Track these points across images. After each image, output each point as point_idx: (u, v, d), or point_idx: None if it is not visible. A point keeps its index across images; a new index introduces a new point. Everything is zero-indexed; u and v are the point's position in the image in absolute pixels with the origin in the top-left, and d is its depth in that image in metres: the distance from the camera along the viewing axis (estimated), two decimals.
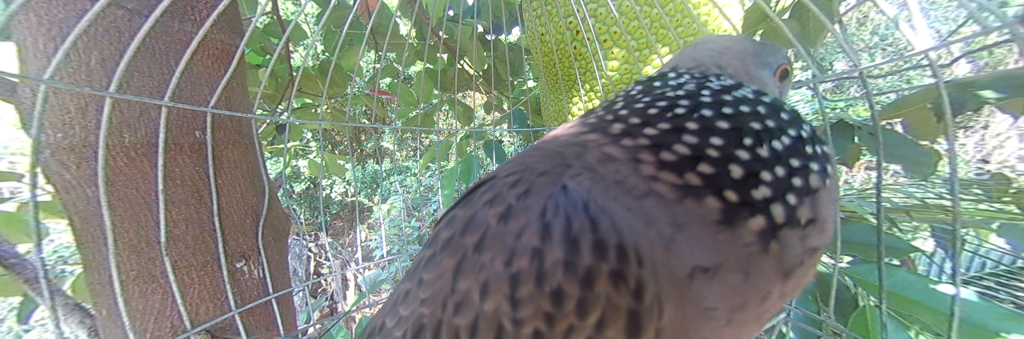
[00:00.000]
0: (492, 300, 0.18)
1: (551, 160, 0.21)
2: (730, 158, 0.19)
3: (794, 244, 0.19)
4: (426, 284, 0.20)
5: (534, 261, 0.18)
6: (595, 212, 0.18)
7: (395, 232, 3.12)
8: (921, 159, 0.57)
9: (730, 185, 0.18)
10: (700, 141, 0.19)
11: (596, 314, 0.17)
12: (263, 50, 1.02)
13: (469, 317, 0.18)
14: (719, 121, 0.20)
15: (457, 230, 0.20)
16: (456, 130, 1.05)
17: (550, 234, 0.18)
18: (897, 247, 0.51)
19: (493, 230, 0.19)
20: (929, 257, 1.29)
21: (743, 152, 0.19)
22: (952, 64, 0.63)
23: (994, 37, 0.41)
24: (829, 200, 0.20)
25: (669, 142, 0.20)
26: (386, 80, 1.30)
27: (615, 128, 0.22)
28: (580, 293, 0.17)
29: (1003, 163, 3.38)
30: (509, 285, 0.18)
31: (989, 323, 0.39)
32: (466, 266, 0.19)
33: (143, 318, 0.42)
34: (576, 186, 0.19)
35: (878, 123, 0.37)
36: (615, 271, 0.17)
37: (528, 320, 0.17)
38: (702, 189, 0.18)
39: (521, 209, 0.19)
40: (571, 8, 0.67)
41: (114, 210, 0.40)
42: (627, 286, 0.17)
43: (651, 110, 0.21)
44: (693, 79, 0.24)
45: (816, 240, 0.19)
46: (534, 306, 0.17)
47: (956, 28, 0.66)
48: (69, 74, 0.38)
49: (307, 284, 0.68)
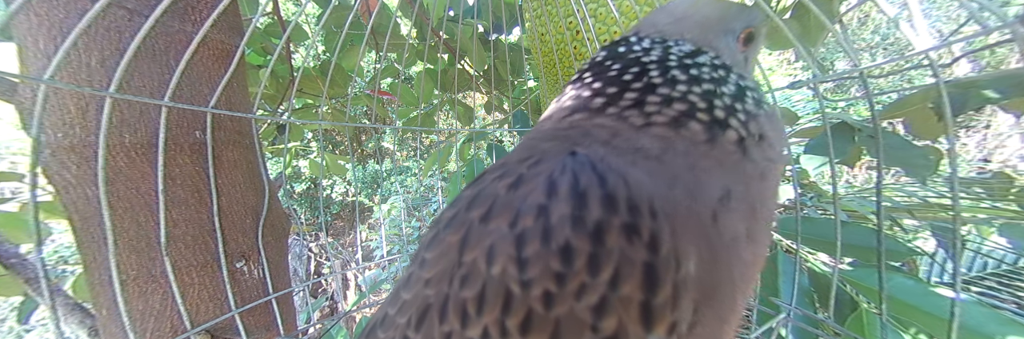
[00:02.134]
0: (498, 264, 0.17)
1: (560, 142, 0.22)
2: (693, 94, 0.22)
3: (757, 149, 0.23)
4: (429, 263, 0.19)
5: (540, 219, 0.17)
6: (603, 169, 0.18)
7: (395, 232, 3.12)
8: (920, 161, 0.57)
9: (700, 110, 0.22)
10: (669, 90, 0.22)
11: (609, 270, 0.16)
12: (264, 50, 1.02)
13: (476, 287, 0.17)
14: (681, 75, 0.23)
15: (461, 207, 0.20)
16: (457, 130, 1.05)
17: (556, 191, 0.17)
18: (897, 250, 0.51)
19: (502, 199, 0.18)
20: (930, 257, 1.29)
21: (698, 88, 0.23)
22: (953, 64, 0.63)
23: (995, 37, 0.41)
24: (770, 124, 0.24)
25: (646, 96, 0.22)
26: (387, 80, 1.30)
27: (596, 102, 0.23)
28: (591, 248, 0.16)
29: (1005, 162, 3.37)
30: (514, 246, 0.17)
31: (988, 328, 0.39)
32: (472, 237, 0.18)
33: (143, 318, 0.42)
34: (585, 151, 0.20)
35: (878, 123, 0.37)
36: (627, 224, 0.16)
37: (536, 281, 0.16)
38: (683, 117, 0.22)
39: (531, 176, 0.19)
40: (571, 8, 0.67)
41: (114, 210, 0.40)
42: (641, 239, 0.16)
43: (625, 76, 0.24)
44: (655, 44, 0.25)
45: (769, 152, 0.23)
46: (542, 265, 0.16)
47: (957, 28, 0.66)
48: (69, 74, 0.38)
49: (307, 284, 0.68)
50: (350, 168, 1.60)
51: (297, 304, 1.06)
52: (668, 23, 0.27)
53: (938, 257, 1.29)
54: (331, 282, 3.30)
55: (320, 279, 1.64)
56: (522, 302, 0.16)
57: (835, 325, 0.45)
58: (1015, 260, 1.28)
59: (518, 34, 1.22)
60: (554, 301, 0.16)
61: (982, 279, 1.30)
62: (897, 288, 0.44)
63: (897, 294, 0.44)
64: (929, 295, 0.43)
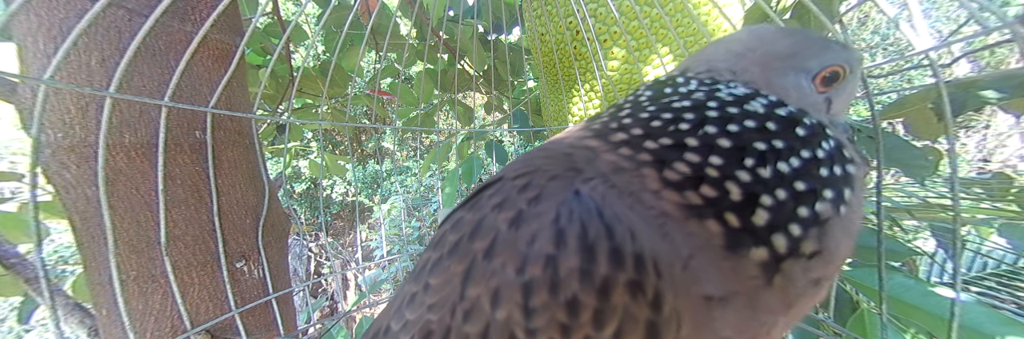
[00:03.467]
0: (504, 308, 0.17)
1: (561, 163, 0.21)
2: (729, 178, 0.18)
3: (797, 277, 0.18)
4: (433, 289, 0.20)
5: (548, 269, 0.17)
6: (611, 219, 0.17)
7: (395, 232, 3.12)
8: (919, 162, 0.57)
9: (730, 208, 0.18)
10: (701, 160, 0.18)
11: (613, 325, 0.16)
12: (263, 50, 1.02)
13: (480, 325, 0.18)
14: (721, 139, 0.19)
15: (465, 234, 0.20)
16: (457, 130, 1.05)
17: (565, 241, 0.17)
18: (896, 250, 0.51)
19: (503, 236, 0.18)
20: (930, 257, 1.29)
21: (743, 173, 0.18)
22: (953, 64, 0.63)
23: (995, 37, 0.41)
24: (842, 230, 0.18)
25: (670, 159, 0.19)
26: (386, 80, 1.30)
27: (617, 137, 0.21)
28: (597, 303, 0.16)
29: (1005, 162, 3.38)
30: (522, 294, 0.17)
31: (988, 328, 0.39)
32: (476, 273, 0.18)
33: (143, 318, 0.42)
34: (589, 191, 0.19)
35: (878, 123, 0.37)
36: (633, 281, 0.16)
37: (542, 330, 0.17)
38: (704, 210, 0.18)
39: (533, 215, 0.18)
40: (571, 8, 0.67)
41: (114, 210, 0.40)
42: (645, 297, 0.16)
43: (654, 122, 0.20)
44: (702, 86, 0.22)
45: (820, 271, 0.18)
46: (548, 316, 0.17)
47: (957, 28, 0.66)
48: (69, 74, 0.38)
49: (307, 284, 0.68)
50: (350, 168, 1.60)
51: (297, 304, 1.06)
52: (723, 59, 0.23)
53: (938, 257, 1.29)
54: (331, 282, 3.30)
55: (320, 279, 1.64)
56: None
57: (835, 325, 0.45)
58: (1015, 260, 1.28)
59: (518, 34, 1.22)
60: None
61: (982, 279, 1.30)
62: (897, 288, 0.44)
63: (897, 294, 0.44)
64: (929, 295, 0.43)
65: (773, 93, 0.21)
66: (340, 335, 1.14)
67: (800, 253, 0.18)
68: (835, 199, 0.18)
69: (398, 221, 3.01)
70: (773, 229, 0.17)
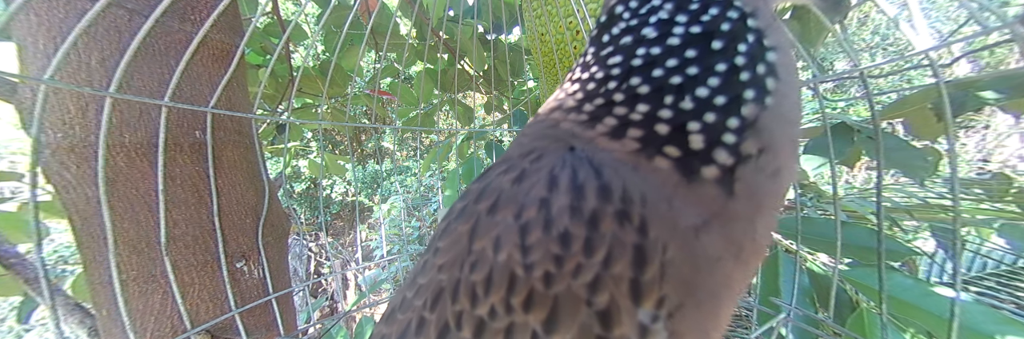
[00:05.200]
0: (504, 251, 0.18)
1: (550, 138, 0.22)
2: (653, 118, 0.19)
3: (754, 177, 0.19)
4: (442, 251, 0.21)
5: (542, 210, 0.18)
6: (599, 163, 0.19)
7: (395, 232, 3.12)
8: (919, 163, 0.57)
9: (665, 142, 0.19)
10: (627, 111, 0.20)
11: (603, 251, 0.18)
12: (263, 50, 1.02)
13: (484, 272, 0.19)
14: (642, 87, 0.20)
15: (471, 199, 0.21)
16: (457, 130, 1.05)
17: (557, 185, 0.19)
18: (896, 250, 0.51)
19: (507, 192, 0.20)
20: (930, 257, 1.29)
21: (665, 111, 0.19)
22: (953, 64, 0.63)
23: (995, 37, 0.41)
24: (777, 119, 0.19)
25: (601, 115, 0.21)
26: (386, 80, 1.30)
27: (569, 103, 0.22)
28: (586, 234, 0.18)
29: (1004, 163, 3.38)
30: (519, 235, 0.18)
31: (987, 327, 0.39)
32: (480, 228, 0.20)
33: (143, 318, 0.42)
34: (582, 147, 0.20)
35: (878, 123, 0.37)
36: (620, 211, 0.18)
37: (538, 263, 0.18)
38: (647, 150, 0.19)
39: (533, 170, 0.20)
40: (571, 8, 0.67)
41: (114, 210, 0.40)
42: (632, 224, 0.18)
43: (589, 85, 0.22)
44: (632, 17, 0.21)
45: (773, 163, 0.20)
46: (543, 250, 0.18)
47: (957, 28, 0.66)
48: (69, 74, 0.38)
49: (307, 284, 0.68)
50: (350, 168, 1.60)
51: (297, 304, 1.06)
52: None
53: (938, 257, 1.29)
54: (331, 282, 3.30)
55: (320, 279, 1.64)
56: (525, 282, 0.18)
57: (835, 325, 0.45)
58: (1014, 261, 1.28)
59: (518, 34, 1.22)
60: (553, 280, 0.18)
61: (981, 279, 1.30)
62: (897, 288, 0.44)
63: (897, 294, 0.44)
64: (929, 294, 0.43)
65: None
66: (340, 335, 1.14)
67: (745, 156, 0.19)
68: (757, 97, 0.19)
69: (398, 221, 3.01)
70: (711, 146, 0.19)
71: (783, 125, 0.20)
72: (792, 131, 0.20)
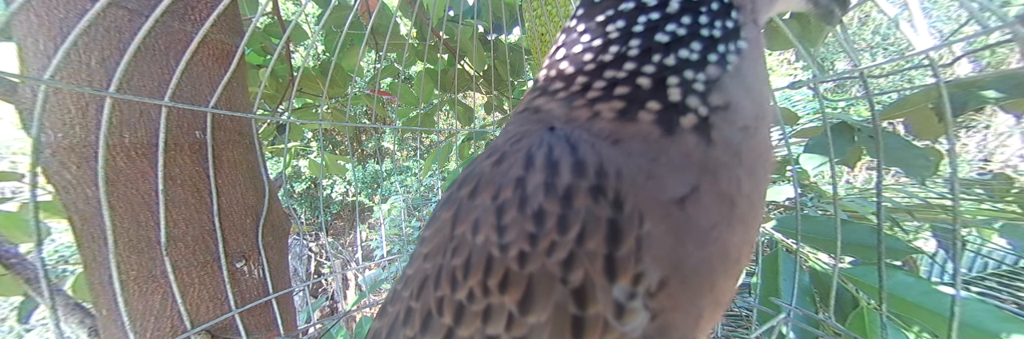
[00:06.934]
0: (482, 234, 0.18)
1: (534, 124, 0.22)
2: (637, 74, 0.20)
3: (726, 127, 0.20)
4: (427, 240, 0.21)
5: (518, 189, 0.18)
6: (576, 140, 0.19)
7: (395, 232, 3.12)
8: (919, 162, 0.57)
9: (647, 97, 0.20)
10: (615, 72, 0.20)
11: (576, 228, 0.17)
12: (263, 50, 1.02)
13: (463, 256, 0.19)
14: (633, 50, 0.20)
15: (454, 187, 0.21)
16: (457, 130, 1.05)
17: (533, 163, 0.19)
18: (897, 248, 0.51)
19: (487, 175, 0.20)
20: (931, 257, 1.29)
21: (649, 67, 0.20)
22: (953, 64, 0.63)
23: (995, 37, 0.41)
24: (739, 84, 0.21)
25: (590, 83, 0.21)
26: (386, 80, 1.30)
27: (556, 85, 0.22)
28: (560, 210, 0.17)
29: (1005, 163, 3.37)
30: (495, 216, 0.18)
31: (989, 325, 0.39)
32: (461, 213, 0.20)
33: (143, 318, 0.42)
34: (562, 126, 0.20)
35: (878, 123, 0.37)
36: (594, 186, 0.18)
37: (513, 243, 0.18)
38: (629, 109, 0.20)
39: (512, 152, 0.20)
40: (571, 8, 0.67)
41: (114, 210, 0.40)
42: (606, 198, 0.17)
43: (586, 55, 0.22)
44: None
45: (740, 119, 0.20)
46: (518, 229, 0.18)
47: (957, 28, 0.66)
48: (69, 74, 0.38)
49: (307, 284, 0.68)
50: (350, 168, 1.60)
51: (297, 304, 1.06)
52: None
53: (938, 258, 1.29)
54: (331, 282, 3.30)
55: (320, 279, 1.64)
56: (501, 263, 0.18)
57: (835, 324, 0.45)
58: (1015, 261, 1.28)
59: (518, 34, 1.22)
60: (528, 259, 0.18)
61: (982, 279, 1.30)
62: (898, 286, 0.44)
63: (898, 292, 0.44)
64: (930, 293, 0.43)
65: None
66: (340, 335, 1.14)
67: (714, 106, 0.20)
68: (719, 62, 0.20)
69: (398, 221, 3.01)
70: (685, 96, 0.20)
71: (745, 91, 0.21)
72: (755, 99, 0.22)
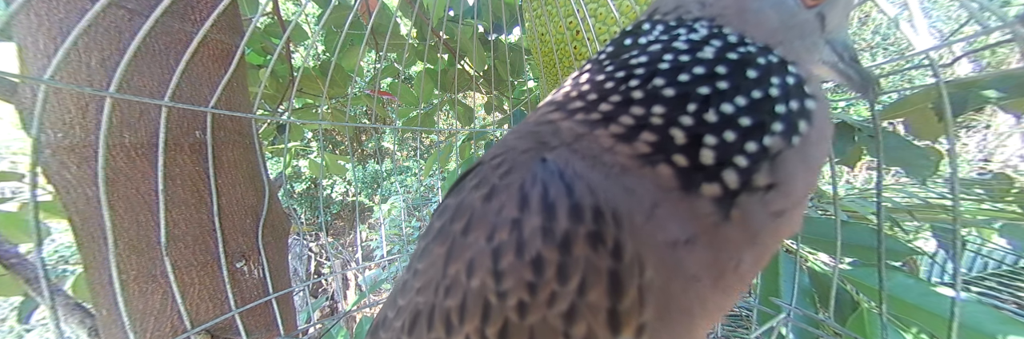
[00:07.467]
0: (477, 277, 0.18)
1: (529, 139, 0.21)
2: (672, 124, 0.18)
3: (756, 210, 0.18)
4: (420, 273, 0.21)
5: (514, 232, 0.18)
6: (571, 178, 0.18)
7: (395, 232, 3.12)
8: (920, 161, 0.57)
9: (677, 151, 0.18)
10: (645, 111, 0.19)
11: (577, 278, 0.17)
12: (264, 50, 1.02)
13: (457, 298, 0.18)
14: (666, 89, 0.19)
15: (447, 218, 0.21)
16: (457, 130, 1.05)
17: (528, 204, 0.18)
18: (897, 250, 0.51)
19: (478, 211, 0.19)
20: (931, 258, 1.29)
21: (686, 117, 0.18)
22: (953, 64, 0.63)
23: (995, 37, 0.41)
24: (799, 162, 0.19)
25: (617, 114, 0.19)
26: (387, 80, 1.30)
27: (575, 104, 0.21)
28: (559, 258, 0.17)
29: (1005, 163, 3.37)
30: (491, 259, 0.18)
31: (988, 327, 0.39)
32: (455, 250, 0.19)
33: (143, 318, 0.42)
34: (555, 158, 0.19)
35: (878, 123, 0.37)
36: (592, 233, 0.17)
37: (511, 292, 0.17)
38: (654, 156, 0.18)
39: (503, 187, 0.19)
40: (571, 8, 0.67)
41: (114, 210, 0.40)
42: (605, 246, 0.17)
43: (608, 84, 0.21)
44: (663, 33, 0.21)
45: (780, 204, 0.19)
46: (516, 276, 0.17)
47: (957, 28, 0.66)
48: (69, 74, 0.38)
49: (307, 284, 0.68)
50: (350, 168, 1.60)
51: (297, 304, 1.06)
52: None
53: (938, 258, 1.29)
54: (331, 282, 3.30)
55: (320, 279, 1.64)
56: (499, 312, 0.18)
57: (835, 325, 0.45)
58: (1015, 261, 1.28)
59: (518, 34, 1.22)
60: (528, 310, 0.17)
61: (982, 279, 1.30)
62: (897, 287, 0.44)
63: (898, 293, 0.44)
64: (929, 294, 0.43)
65: (746, 23, 0.21)
66: (340, 335, 1.14)
67: (754, 186, 0.18)
68: (786, 132, 0.18)
69: (398, 221, 3.01)
70: (722, 165, 0.18)
71: (804, 170, 0.19)
72: (810, 179, 0.19)
